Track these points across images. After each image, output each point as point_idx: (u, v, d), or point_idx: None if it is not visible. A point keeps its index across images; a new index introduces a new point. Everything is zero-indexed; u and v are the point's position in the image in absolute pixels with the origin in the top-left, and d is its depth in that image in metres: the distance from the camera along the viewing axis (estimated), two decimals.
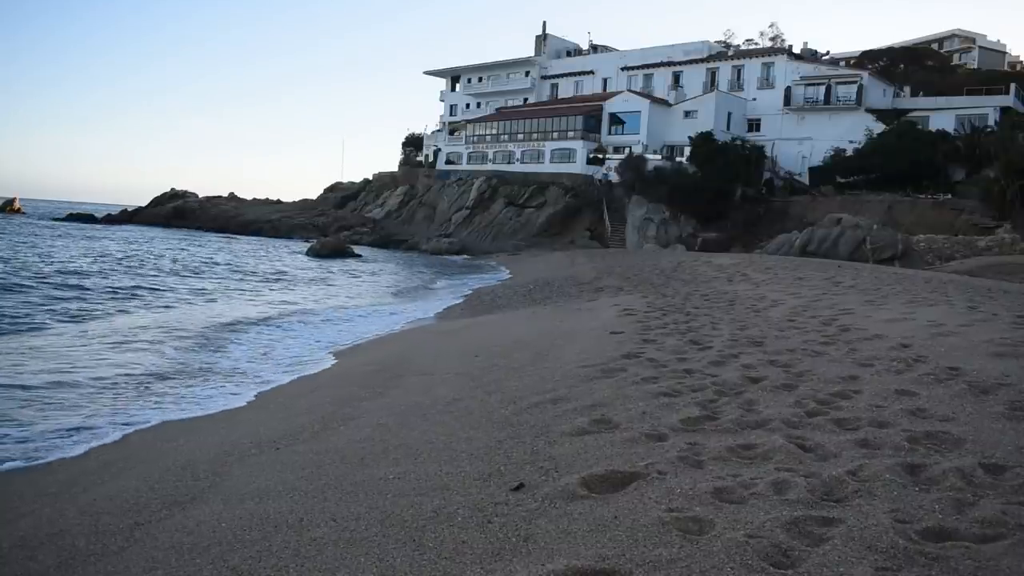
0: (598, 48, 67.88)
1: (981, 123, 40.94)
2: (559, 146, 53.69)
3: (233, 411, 7.97)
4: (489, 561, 3.18)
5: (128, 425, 7.41)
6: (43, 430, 7.14)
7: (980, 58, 60.04)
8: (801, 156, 47.18)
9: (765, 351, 7.37)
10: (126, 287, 21.02)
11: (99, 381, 9.34)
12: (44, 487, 5.43)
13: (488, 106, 68.39)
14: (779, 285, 15.28)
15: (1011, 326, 8.03)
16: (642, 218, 43.27)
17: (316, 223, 60.16)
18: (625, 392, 5.93)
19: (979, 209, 33.82)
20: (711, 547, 2.99)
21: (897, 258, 26.67)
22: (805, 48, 59.93)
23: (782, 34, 67.32)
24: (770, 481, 3.65)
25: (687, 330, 9.25)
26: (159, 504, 4.65)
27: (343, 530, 3.74)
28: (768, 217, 40.21)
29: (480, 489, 4.09)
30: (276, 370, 10.50)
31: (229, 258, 35.50)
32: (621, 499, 3.65)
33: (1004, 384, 5.26)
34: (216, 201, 71.19)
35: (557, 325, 11.65)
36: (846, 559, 2.82)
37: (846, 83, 47.42)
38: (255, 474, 5.05)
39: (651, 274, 21.25)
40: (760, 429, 4.64)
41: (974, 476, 3.57)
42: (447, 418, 5.96)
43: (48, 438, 6.90)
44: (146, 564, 3.73)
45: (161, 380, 9.62)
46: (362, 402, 7.25)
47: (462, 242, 49.98)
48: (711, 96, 50.79)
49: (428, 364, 9.30)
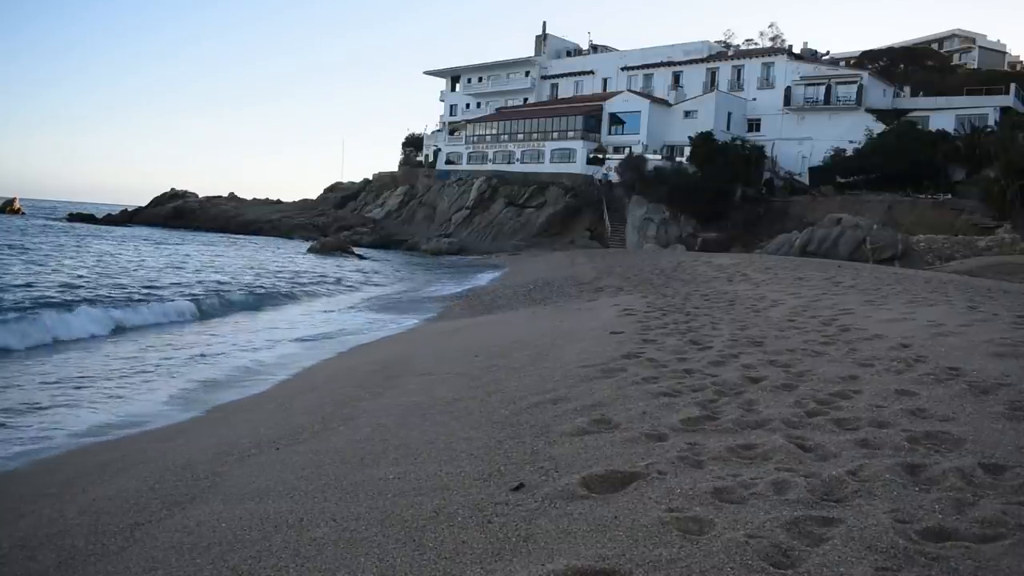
0: (598, 48, 67.92)
1: (981, 123, 40.97)
2: (559, 146, 53.71)
3: (235, 410, 7.97)
4: (489, 561, 3.18)
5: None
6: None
7: (980, 58, 60.08)
8: (801, 156, 47.20)
9: (765, 351, 7.36)
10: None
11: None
12: (44, 487, 5.42)
13: (488, 106, 68.40)
14: (779, 285, 15.28)
15: (1011, 326, 8.03)
16: (642, 218, 43.28)
17: (316, 223, 60.20)
18: (625, 392, 5.93)
19: (979, 209, 33.84)
20: (711, 547, 2.99)
21: (897, 258, 26.68)
22: (805, 48, 59.97)
23: (782, 34, 67.50)
24: (770, 481, 3.65)
25: (687, 330, 9.25)
26: (159, 504, 4.64)
27: (343, 530, 3.74)
28: (768, 217, 40.23)
29: (480, 489, 4.09)
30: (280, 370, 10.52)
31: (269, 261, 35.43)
32: (621, 499, 3.65)
33: (1004, 384, 5.26)
34: (216, 201, 71.21)
35: (557, 325, 11.65)
36: (846, 559, 2.82)
37: (846, 83, 47.45)
38: (255, 474, 5.05)
39: (651, 274, 21.24)
40: (760, 429, 4.64)
41: (974, 476, 3.57)
42: (447, 418, 5.96)
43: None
44: (146, 564, 3.73)
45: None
46: (362, 402, 7.25)
47: (462, 242, 50.00)
48: (711, 96, 50.82)
49: (428, 364, 9.30)
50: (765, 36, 66.82)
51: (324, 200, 72.60)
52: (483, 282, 27.30)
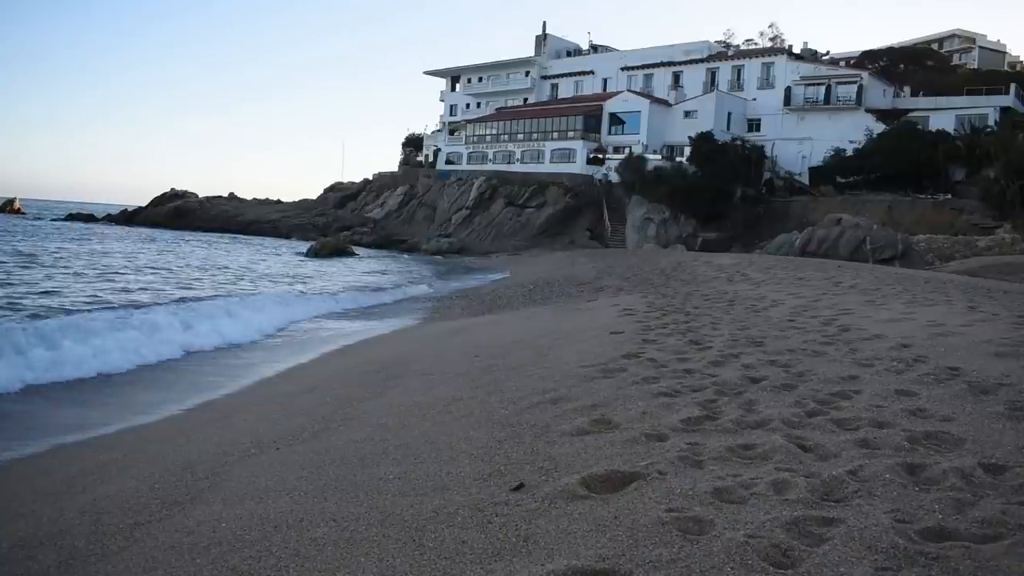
0: (598, 48, 67.90)
1: (981, 123, 40.95)
2: (559, 146, 53.69)
3: (234, 410, 7.96)
4: (489, 561, 3.18)
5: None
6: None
7: (980, 58, 60.05)
8: (801, 156, 47.18)
9: (765, 351, 7.36)
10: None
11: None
12: (44, 487, 5.43)
13: (488, 106, 68.39)
14: (779, 285, 15.28)
15: (1011, 326, 8.03)
16: (642, 218, 43.29)
17: (316, 223, 60.17)
18: (625, 392, 5.93)
19: (979, 209, 33.84)
20: (711, 547, 2.99)
21: (897, 258, 26.69)
22: (805, 48, 59.94)
23: (782, 34, 67.49)
24: (770, 481, 3.65)
25: (687, 330, 9.25)
26: (159, 504, 4.64)
27: (343, 530, 3.74)
28: (768, 217, 40.23)
29: (480, 489, 4.08)
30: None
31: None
32: (621, 499, 3.65)
33: (1004, 384, 5.26)
34: (216, 201, 71.15)
35: (557, 325, 11.65)
36: (846, 559, 2.82)
37: (846, 83, 47.44)
38: (255, 474, 5.05)
39: (651, 274, 21.24)
40: (760, 429, 4.64)
41: (974, 476, 3.57)
42: (447, 418, 5.96)
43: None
44: (146, 564, 3.72)
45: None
46: (362, 402, 7.25)
47: (462, 242, 50.00)
48: (711, 96, 50.80)
49: (428, 364, 9.30)
50: (765, 36, 66.87)
51: (324, 200, 72.56)
52: (483, 282, 27.30)
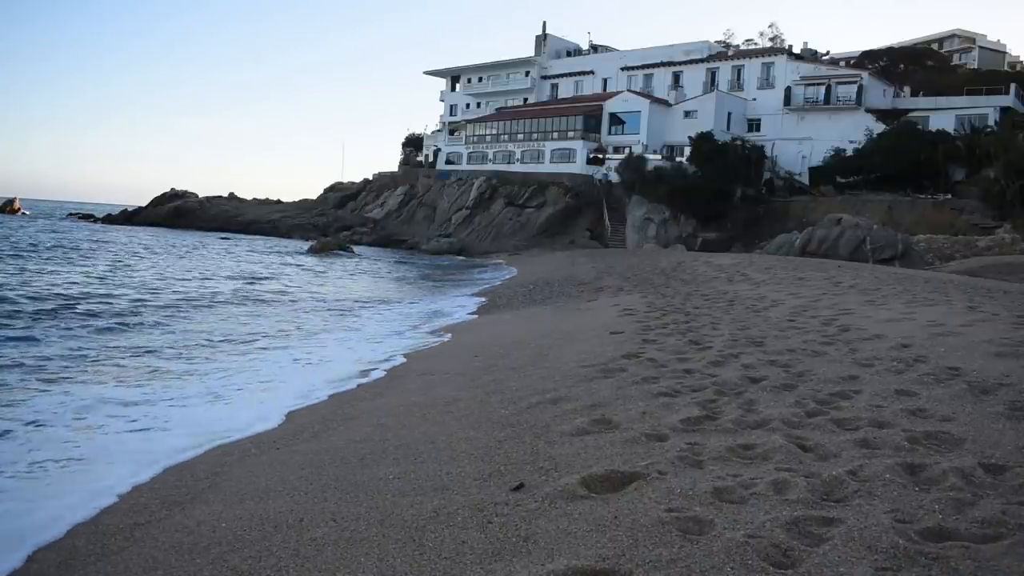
0: (598, 48, 67.86)
1: (981, 123, 40.91)
2: (559, 146, 53.67)
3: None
4: (489, 561, 3.18)
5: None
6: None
7: (980, 58, 59.99)
8: (801, 156, 47.15)
9: (765, 351, 7.36)
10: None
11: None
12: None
13: (488, 106, 68.37)
14: (779, 285, 15.28)
15: (1011, 326, 8.03)
16: (642, 218, 43.27)
17: (316, 223, 60.14)
18: (625, 392, 5.93)
19: (979, 209, 33.82)
20: (711, 547, 2.99)
21: (897, 258, 26.67)
22: (805, 48, 59.89)
23: (782, 34, 67.43)
24: (770, 481, 3.65)
25: (687, 330, 9.25)
26: (159, 504, 4.64)
27: (343, 530, 3.74)
28: (768, 217, 40.20)
29: (480, 489, 4.09)
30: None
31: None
32: (621, 499, 3.65)
33: (1004, 384, 5.26)
34: (216, 201, 71.10)
35: (557, 325, 11.65)
36: (846, 559, 2.82)
37: (846, 83, 47.40)
38: (255, 474, 5.05)
39: (651, 274, 21.24)
40: (760, 429, 4.64)
41: (974, 476, 3.57)
42: (447, 418, 5.96)
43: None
44: (146, 564, 3.73)
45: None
46: (362, 402, 7.25)
47: (462, 242, 49.98)
48: (711, 96, 50.77)
49: (428, 364, 9.30)
50: (765, 36, 66.79)
51: (324, 200, 72.52)
52: (483, 282, 27.30)
